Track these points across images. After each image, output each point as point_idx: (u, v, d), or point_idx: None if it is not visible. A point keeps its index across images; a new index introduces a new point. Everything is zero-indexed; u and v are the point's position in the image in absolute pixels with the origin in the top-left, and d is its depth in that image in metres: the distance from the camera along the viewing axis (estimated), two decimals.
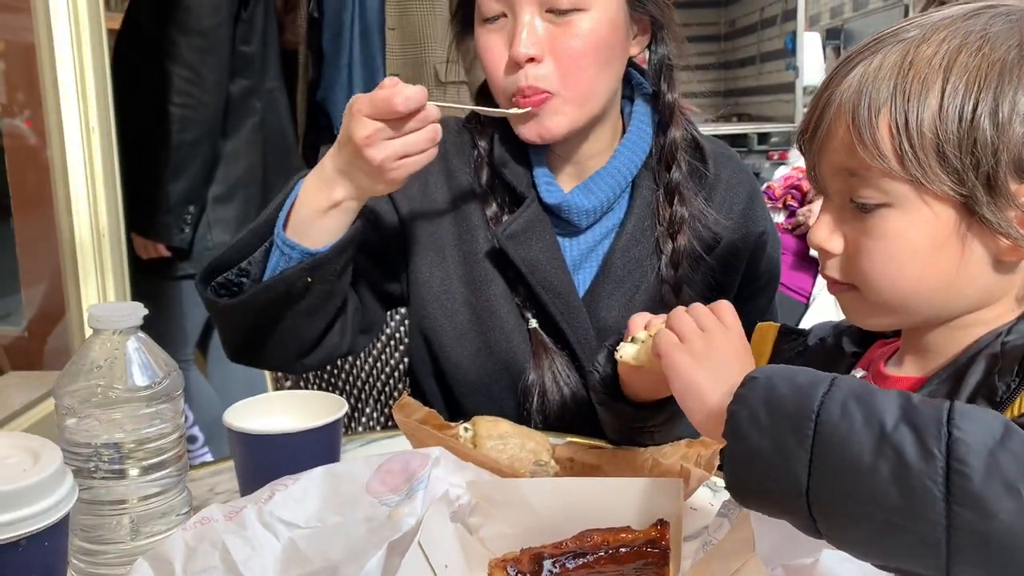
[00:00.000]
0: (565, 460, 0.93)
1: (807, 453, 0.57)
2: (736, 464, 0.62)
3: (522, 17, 1.02)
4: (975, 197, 0.70)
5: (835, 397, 0.58)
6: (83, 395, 0.69)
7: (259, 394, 0.90)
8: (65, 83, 1.50)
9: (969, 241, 0.73)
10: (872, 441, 0.55)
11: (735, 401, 0.62)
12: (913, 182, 0.71)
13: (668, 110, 1.15)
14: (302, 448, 0.79)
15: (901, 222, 0.73)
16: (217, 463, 0.99)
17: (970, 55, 0.69)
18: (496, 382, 1.12)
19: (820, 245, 0.78)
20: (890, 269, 0.74)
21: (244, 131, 2.17)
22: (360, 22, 2.39)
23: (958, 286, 0.75)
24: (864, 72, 0.72)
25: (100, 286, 1.51)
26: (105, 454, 0.68)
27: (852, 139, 0.72)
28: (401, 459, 0.74)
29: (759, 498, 0.61)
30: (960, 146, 0.69)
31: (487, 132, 1.14)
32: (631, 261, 1.12)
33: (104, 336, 0.70)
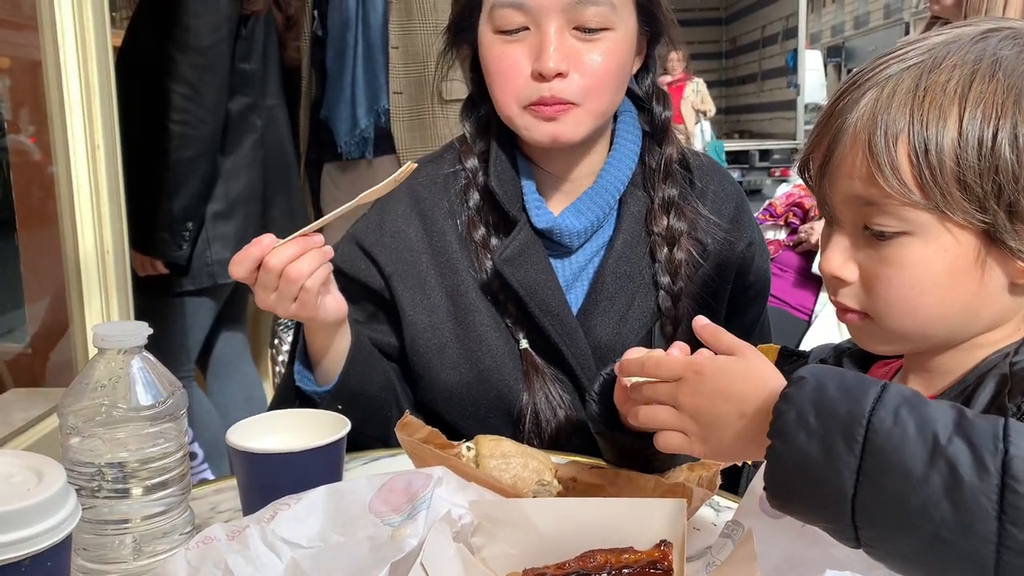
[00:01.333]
0: (568, 480, 0.93)
1: (856, 459, 0.57)
2: (781, 466, 0.60)
3: (549, 31, 1.02)
4: (997, 224, 0.70)
5: (887, 403, 0.57)
6: (87, 414, 0.69)
7: (258, 410, 0.91)
8: (71, 101, 1.51)
9: (988, 267, 0.72)
10: (925, 452, 0.55)
11: (783, 400, 0.61)
12: (934, 210, 0.70)
13: (662, 128, 1.16)
14: (305, 467, 0.79)
15: (922, 251, 0.72)
16: (219, 481, 0.99)
17: (984, 82, 0.69)
18: (492, 411, 1.12)
19: (834, 273, 0.77)
20: (911, 298, 0.74)
21: (244, 148, 2.16)
22: (363, 41, 2.40)
23: (975, 311, 0.74)
24: (877, 98, 0.72)
25: (104, 303, 1.51)
26: (108, 473, 0.69)
27: (869, 168, 0.71)
28: (404, 479, 0.75)
29: (800, 502, 0.61)
30: (981, 174, 0.69)
31: (476, 151, 1.14)
32: (622, 277, 1.12)
33: (109, 355, 0.70)
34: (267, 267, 0.93)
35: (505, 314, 1.12)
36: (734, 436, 0.69)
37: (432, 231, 1.14)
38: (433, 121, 2.41)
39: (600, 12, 1.03)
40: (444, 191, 1.15)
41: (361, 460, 1.03)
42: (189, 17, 2.00)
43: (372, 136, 2.43)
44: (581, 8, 1.02)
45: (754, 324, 1.21)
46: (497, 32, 1.05)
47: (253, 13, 2.13)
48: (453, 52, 1.16)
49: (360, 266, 1.15)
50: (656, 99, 1.17)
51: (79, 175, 1.49)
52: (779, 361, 0.96)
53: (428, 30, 2.39)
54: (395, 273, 1.14)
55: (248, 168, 2.18)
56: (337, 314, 1.00)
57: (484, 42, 1.08)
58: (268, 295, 0.95)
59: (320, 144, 2.51)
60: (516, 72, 1.04)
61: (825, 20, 37.26)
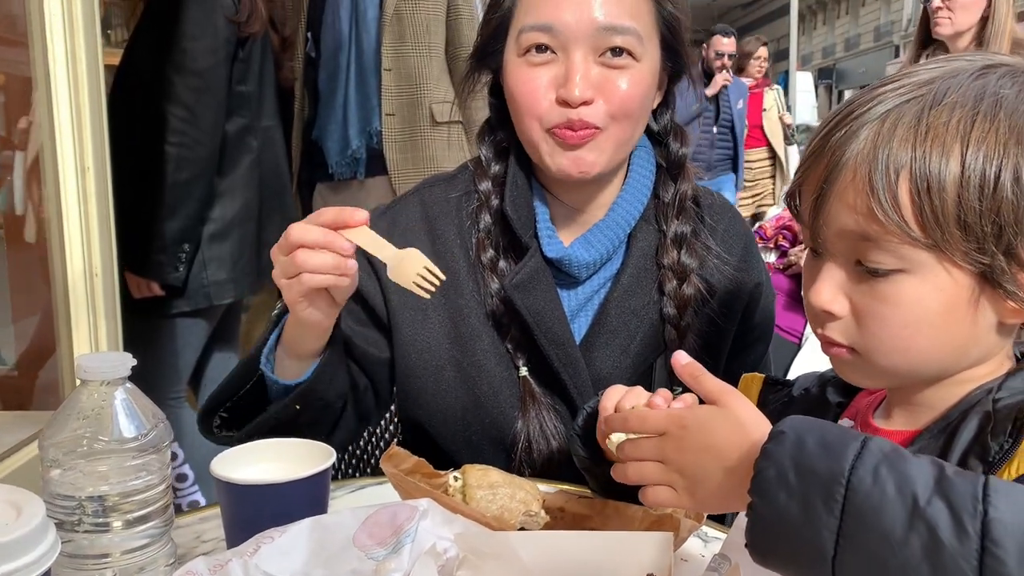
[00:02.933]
0: (555, 510, 0.92)
1: (836, 520, 0.56)
2: (761, 525, 0.60)
3: (575, 59, 1.03)
4: (994, 266, 0.69)
5: (866, 461, 0.57)
6: (68, 446, 0.68)
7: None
8: (61, 122, 1.51)
9: (981, 307, 0.72)
10: (905, 513, 0.55)
11: (763, 457, 0.61)
12: (933, 249, 0.70)
13: (678, 163, 1.16)
14: (289, 499, 0.78)
15: (918, 289, 0.71)
16: (204, 510, 0.98)
17: (987, 121, 0.68)
18: (485, 437, 1.12)
19: (824, 307, 0.75)
20: (904, 336, 0.73)
21: (240, 169, 2.17)
22: (356, 62, 2.41)
23: (965, 349, 0.74)
24: (878, 132, 0.70)
25: (92, 326, 1.50)
26: (89, 507, 0.68)
27: (868, 203, 0.70)
28: (389, 511, 0.74)
29: (781, 560, 0.60)
30: (982, 215, 0.68)
31: (491, 174, 1.14)
32: (626, 312, 1.12)
33: (92, 387, 0.69)
34: (287, 234, 0.92)
35: (507, 340, 1.11)
36: (719, 489, 0.69)
37: (440, 250, 1.13)
38: (425, 143, 2.42)
39: (627, 41, 1.03)
40: (456, 212, 1.15)
41: (347, 488, 1.02)
42: (187, 40, 2.01)
43: (364, 157, 2.44)
44: (608, 36, 1.03)
45: (756, 364, 1.21)
46: (523, 55, 1.06)
47: (250, 35, 2.14)
48: (475, 76, 1.16)
49: (362, 275, 1.12)
50: (674, 136, 1.17)
51: (68, 197, 1.48)
52: (764, 390, 0.95)
53: (421, 53, 2.41)
54: (397, 290, 1.13)
55: (244, 189, 2.18)
56: (316, 328, 0.99)
57: (509, 66, 1.08)
58: (277, 258, 0.95)
59: (312, 164, 2.52)
60: (541, 95, 1.04)
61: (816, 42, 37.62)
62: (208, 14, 2.04)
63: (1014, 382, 0.74)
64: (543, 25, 1.04)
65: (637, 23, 1.04)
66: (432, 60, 2.42)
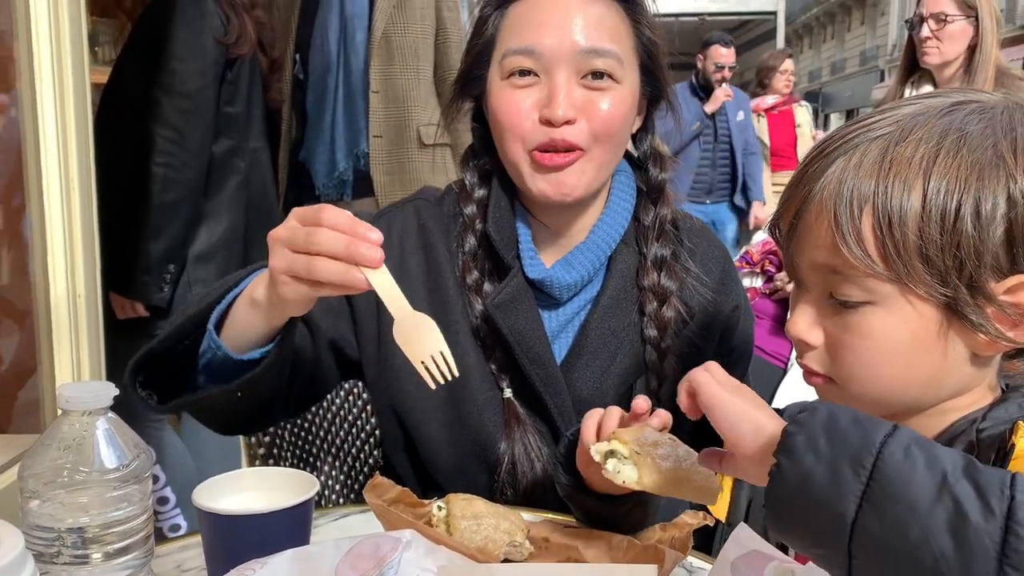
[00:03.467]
0: (540, 540, 0.92)
1: (862, 485, 0.58)
2: (783, 484, 0.61)
3: (558, 80, 1.05)
4: (958, 298, 0.71)
5: (899, 438, 0.59)
6: (48, 477, 0.67)
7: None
8: (47, 141, 1.50)
9: (951, 339, 0.73)
10: (933, 486, 0.56)
11: (794, 423, 0.62)
12: (896, 282, 0.71)
13: (658, 188, 1.18)
14: (271, 529, 0.77)
15: (885, 321, 0.73)
16: (185, 538, 0.97)
17: (949, 156, 0.70)
18: (468, 455, 1.11)
19: (800, 337, 0.78)
20: (873, 366, 0.75)
21: (227, 190, 2.17)
22: (344, 84, 2.42)
23: (938, 381, 0.75)
24: (844, 169, 0.72)
25: (74, 348, 1.49)
26: (68, 539, 0.67)
27: (832, 238, 0.72)
28: (372, 542, 0.74)
29: (799, 523, 0.61)
30: (943, 248, 0.70)
31: (475, 198, 1.15)
32: (606, 333, 1.13)
33: (73, 416, 0.69)
34: (322, 210, 0.82)
35: (491, 360, 1.12)
36: (754, 422, 0.67)
37: (432, 263, 1.14)
38: (412, 165, 2.43)
39: (608, 64, 1.06)
40: (446, 232, 1.16)
41: (331, 517, 1.02)
42: (175, 61, 2.01)
43: (351, 179, 2.44)
44: (590, 59, 1.05)
45: None
46: (507, 78, 1.07)
47: (238, 57, 2.14)
48: (458, 103, 1.17)
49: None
50: (653, 161, 1.19)
51: (53, 218, 1.47)
52: None
53: (409, 75, 2.42)
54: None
55: (231, 210, 2.18)
56: (283, 312, 0.90)
57: (493, 89, 1.09)
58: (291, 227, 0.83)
59: (299, 186, 2.51)
60: (524, 116, 1.06)
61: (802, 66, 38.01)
62: (197, 35, 2.04)
63: (998, 412, 0.75)
64: (526, 49, 1.06)
65: (617, 47, 1.07)
66: (420, 83, 2.43)
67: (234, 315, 0.94)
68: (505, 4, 1.10)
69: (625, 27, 1.09)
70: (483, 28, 1.11)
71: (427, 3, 2.44)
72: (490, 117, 1.11)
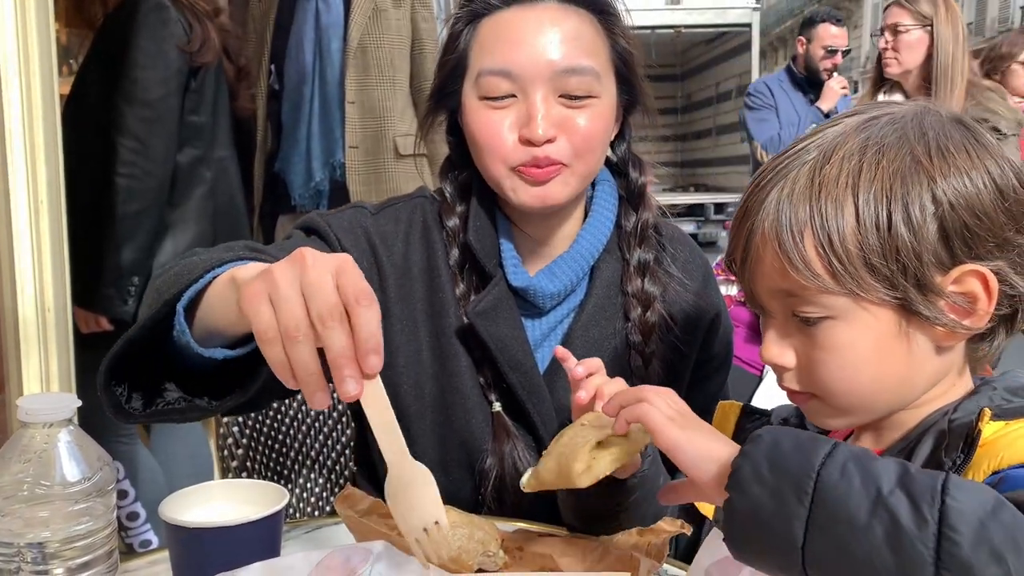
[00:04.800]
0: (514, 549, 0.91)
1: (806, 510, 0.60)
2: (737, 517, 0.64)
3: (535, 99, 1.03)
4: (909, 298, 0.74)
5: (836, 458, 0.61)
6: (9, 491, 0.66)
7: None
8: (15, 156, 1.48)
9: (912, 336, 0.76)
10: (869, 502, 0.58)
11: (740, 455, 0.65)
12: (850, 294, 0.74)
13: (639, 193, 1.18)
14: (240, 542, 0.76)
15: (847, 332, 0.76)
16: (153, 553, 0.95)
17: (871, 168, 0.74)
18: (453, 459, 1.11)
19: (773, 361, 0.81)
20: (845, 376, 0.77)
21: (193, 200, 2.12)
22: (320, 95, 2.41)
23: (910, 379, 0.78)
24: (779, 198, 0.76)
25: (43, 362, 1.47)
26: (29, 554, 0.65)
27: (781, 264, 0.75)
28: (342, 554, 0.73)
29: (756, 551, 0.64)
30: (885, 255, 0.73)
31: (456, 210, 1.14)
32: (590, 342, 1.13)
33: (33, 428, 0.67)
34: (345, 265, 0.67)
35: (481, 373, 1.11)
36: (710, 454, 0.69)
37: (431, 264, 1.13)
38: (389, 175, 2.42)
39: (585, 81, 1.04)
40: (439, 234, 1.15)
41: (302, 529, 1.00)
42: (137, 70, 1.98)
43: (327, 189, 2.43)
44: (567, 77, 1.04)
45: (716, 394, 1.22)
46: (483, 99, 1.06)
47: (203, 65, 2.10)
48: (433, 118, 1.16)
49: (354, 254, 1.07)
50: (632, 165, 1.19)
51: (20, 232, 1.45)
52: (741, 419, 0.97)
53: (385, 86, 2.41)
54: (398, 299, 1.11)
55: (197, 220, 2.13)
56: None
57: (469, 108, 1.08)
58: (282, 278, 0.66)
59: (275, 196, 2.50)
60: (503, 138, 1.05)
61: None
62: (159, 43, 2.00)
63: (968, 404, 0.78)
64: (501, 70, 1.04)
65: (593, 61, 1.06)
66: (396, 93, 2.43)
67: (210, 296, 0.81)
68: (477, 18, 1.09)
69: (600, 39, 1.08)
70: (455, 44, 1.10)
71: (403, 14, 2.44)
72: (468, 135, 1.10)
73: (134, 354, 0.83)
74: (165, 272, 0.90)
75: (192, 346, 0.79)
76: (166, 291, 0.83)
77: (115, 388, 0.83)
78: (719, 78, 11.09)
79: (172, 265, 0.91)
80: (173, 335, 0.81)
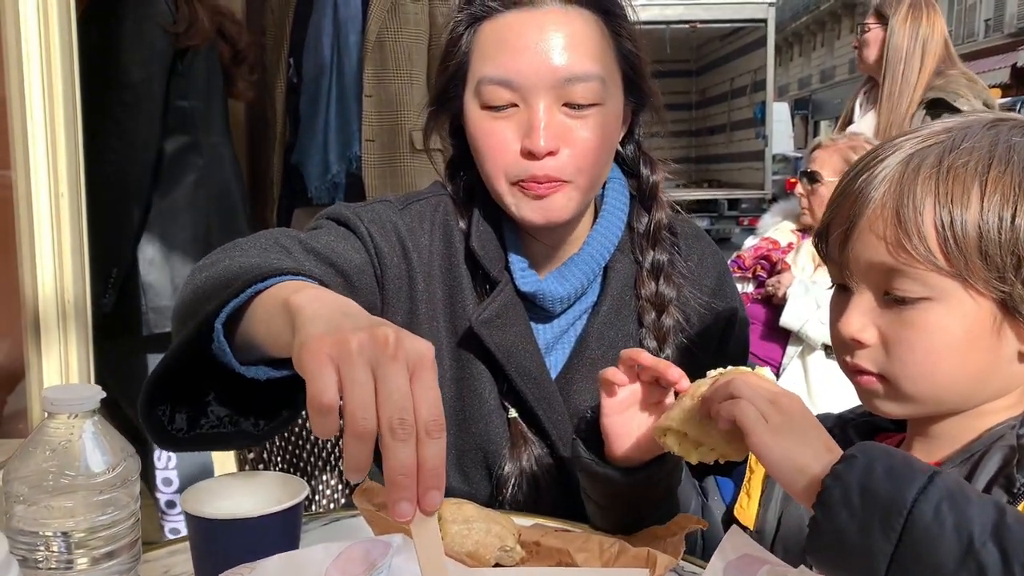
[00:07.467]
0: (531, 544, 0.91)
1: (891, 546, 0.61)
2: (819, 536, 0.65)
3: (538, 110, 1.01)
4: (1014, 295, 0.74)
5: (930, 496, 0.61)
6: (34, 481, 0.67)
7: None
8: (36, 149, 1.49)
9: (1003, 335, 0.76)
10: (959, 551, 0.58)
11: (831, 476, 0.65)
12: (956, 277, 0.74)
13: (651, 193, 1.16)
14: (260, 534, 0.76)
15: (943, 316, 0.76)
16: (173, 543, 0.96)
17: (1001, 163, 0.74)
18: (471, 462, 1.11)
19: (854, 336, 0.80)
20: (930, 362, 0.77)
21: (182, 188, 2.01)
22: (338, 88, 2.42)
23: (986, 378, 0.78)
24: (903, 172, 0.76)
25: (63, 353, 1.48)
26: (54, 543, 0.66)
27: (897, 234, 0.75)
28: (361, 547, 0.73)
29: (834, 570, 0.65)
30: (1002, 247, 0.73)
31: (466, 212, 1.13)
32: (606, 343, 1.11)
33: (59, 419, 0.68)
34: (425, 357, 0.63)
35: (497, 379, 1.09)
36: (798, 464, 0.70)
37: (453, 260, 1.11)
38: (404, 170, 2.42)
39: (590, 88, 1.01)
40: (458, 232, 1.13)
41: (321, 521, 1.01)
42: (118, 51, 1.88)
43: (343, 182, 2.44)
44: (571, 85, 1.01)
45: None
46: (485, 108, 1.03)
47: (190, 47, 2.00)
48: (436, 121, 1.14)
49: (385, 249, 1.07)
50: (643, 163, 1.16)
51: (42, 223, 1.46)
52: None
53: (402, 80, 2.42)
54: (423, 295, 1.09)
55: (188, 210, 2.02)
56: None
57: (471, 116, 1.05)
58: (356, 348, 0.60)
59: (291, 189, 2.51)
60: (505, 148, 1.02)
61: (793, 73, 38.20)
62: (140, 23, 1.90)
63: None
64: (503, 80, 1.01)
65: (598, 66, 1.03)
66: (413, 87, 2.43)
67: (256, 312, 0.76)
68: (477, 22, 1.05)
69: (605, 41, 1.05)
70: (456, 49, 1.06)
71: (421, 8, 2.44)
72: (470, 144, 1.07)
73: (173, 371, 0.78)
74: (203, 270, 0.87)
75: (233, 365, 0.75)
76: (204, 302, 0.79)
77: (157, 410, 0.79)
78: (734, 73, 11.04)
79: (209, 264, 0.88)
80: (212, 347, 0.76)
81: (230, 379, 0.77)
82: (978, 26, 25.01)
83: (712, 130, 11.95)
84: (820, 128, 25.13)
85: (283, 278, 0.77)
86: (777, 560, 0.73)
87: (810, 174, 2.56)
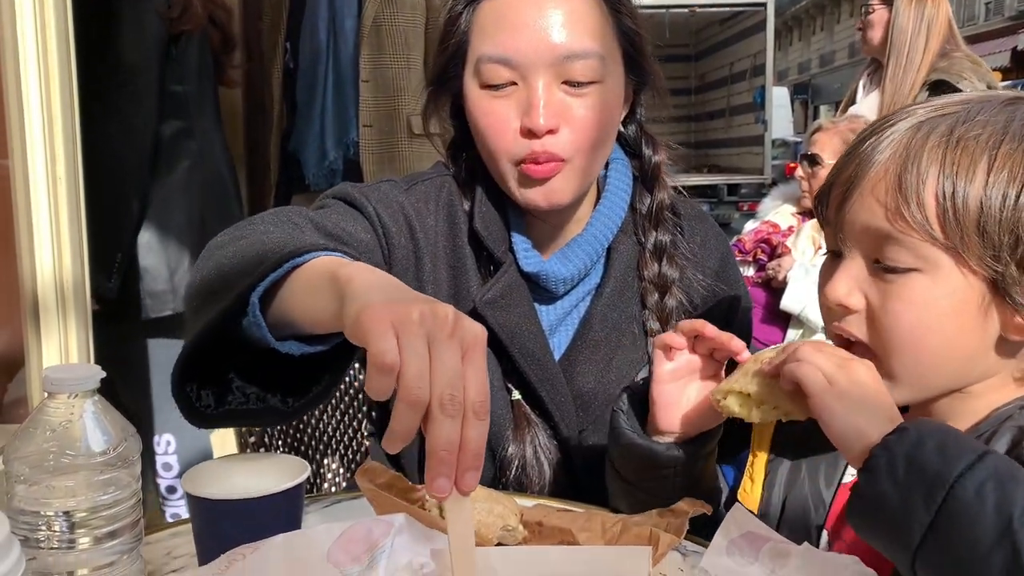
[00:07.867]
0: (534, 524, 0.91)
1: (929, 516, 0.61)
2: (860, 501, 0.67)
3: (537, 87, 1.00)
4: (1006, 275, 0.73)
5: (977, 474, 0.61)
6: (34, 461, 0.66)
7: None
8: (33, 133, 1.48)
9: (989, 315, 0.75)
10: (997, 530, 0.59)
11: (881, 445, 0.66)
12: (951, 250, 0.73)
13: (653, 173, 1.15)
14: (262, 514, 0.76)
15: (930, 290, 0.74)
16: (175, 525, 0.96)
17: (1014, 142, 0.73)
18: None
19: (840, 300, 0.79)
20: (915, 336, 0.76)
21: (178, 173, 2.02)
22: (334, 73, 2.40)
23: (972, 360, 0.77)
24: (912, 138, 0.75)
25: (62, 338, 1.47)
26: (56, 523, 0.66)
27: (895, 199, 0.74)
28: (364, 527, 0.73)
29: (873, 536, 0.66)
30: (1001, 224, 0.72)
31: (469, 193, 1.12)
32: (609, 324, 1.11)
33: (59, 399, 0.68)
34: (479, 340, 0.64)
35: (500, 360, 1.09)
36: (857, 430, 0.71)
37: (457, 244, 1.11)
38: (402, 155, 2.42)
39: (589, 65, 1.01)
40: (462, 212, 1.13)
41: (322, 503, 1.01)
42: (114, 36, 1.88)
43: (340, 168, 2.43)
44: (570, 63, 1.00)
45: None
46: (484, 87, 1.03)
47: (183, 32, 2.00)
48: (436, 101, 1.14)
49: (392, 229, 1.07)
50: (645, 143, 1.16)
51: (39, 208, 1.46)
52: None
53: (399, 65, 2.40)
54: (430, 275, 1.09)
55: (183, 194, 2.02)
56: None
57: (470, 96, 1.05)
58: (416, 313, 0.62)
59: (289, 177, 2.50)
60: (505, 128, 1.02)
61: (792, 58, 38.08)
62: (134, 7, 1.90)
63: None
64: (502, 58, 1.01)
65: (598, 43, 1.02)
66: (410, 72, 2.42)
67: (298, 284, 0.76)
68: (476, 0, 1.05)
69: (605, 18, 1.04)
70: (455, 27, 1.06)
71: None
72: (471, 124, 1.07)
73: (201, 349, 0.79)
74: (222, 247, 0.85)
75: (268, 340, 0.75)
76: (235, 278, 0.78)
77: (186, 387, 0.80)
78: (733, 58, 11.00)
79: (227, 241, 0.87)
80: (242, 323, 0.76)
81: (252, 357, 0.78)
82: (978, 9, 24.94)
83: (711, 115, 11.91)
84: (820, 113, 25.11)
85: (318, 253, 0.78)
86: (780, 537, 0.74)
87: (810, 157, 2.55)
